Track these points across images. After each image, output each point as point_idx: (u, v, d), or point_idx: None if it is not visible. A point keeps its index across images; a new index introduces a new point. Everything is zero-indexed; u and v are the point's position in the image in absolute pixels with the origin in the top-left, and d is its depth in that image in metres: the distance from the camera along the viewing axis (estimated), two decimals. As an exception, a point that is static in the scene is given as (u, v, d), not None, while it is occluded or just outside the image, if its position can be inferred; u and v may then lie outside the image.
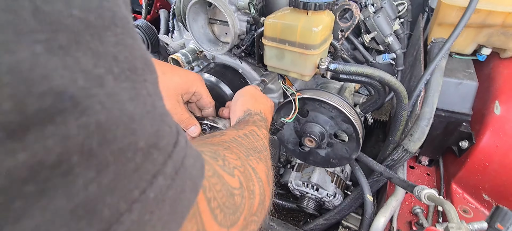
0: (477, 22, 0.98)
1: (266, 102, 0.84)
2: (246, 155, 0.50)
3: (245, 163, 0.47)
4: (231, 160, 0.44)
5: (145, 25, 1.19)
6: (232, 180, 0.40)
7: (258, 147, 0.56)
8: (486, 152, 1.00)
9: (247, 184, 0.43)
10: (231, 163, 0.43)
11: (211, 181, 0.34)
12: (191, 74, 0.75)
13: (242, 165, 0.45)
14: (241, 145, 0.51)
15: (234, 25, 1.00)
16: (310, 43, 0.84)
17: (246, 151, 0.51)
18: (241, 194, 0.40)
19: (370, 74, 0.85)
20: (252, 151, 0.52)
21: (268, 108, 0.82)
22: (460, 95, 1.02)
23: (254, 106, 0.77)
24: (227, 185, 0.37)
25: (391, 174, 0.99)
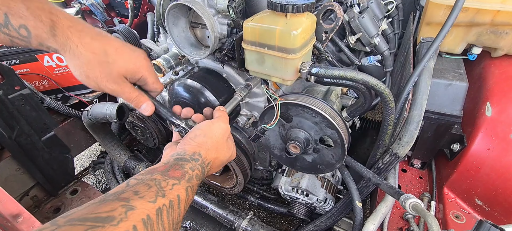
0: (465, 20, 0.94)
1: (223, 157, 0.73)
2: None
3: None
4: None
5: (125, 30, 1.16)
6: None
7: (166, 229, 0.47)
8: (478, 155, 0.97)
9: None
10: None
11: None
12: (136, 59, 0.69)
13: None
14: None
15: (214, 29, 0.96)
16: (289, 47, 0.80)
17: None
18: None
19: (353, 77, 0.81)
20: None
21: (218, 163, 0.72)
22: (450, 97, 0.99)
23: (207, 153, 0.67)
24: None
25: (379, 180, 0.96)
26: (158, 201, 0.47)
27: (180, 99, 1.14)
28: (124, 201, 0.44)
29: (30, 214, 0.71)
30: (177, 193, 0.52)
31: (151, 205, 0.45)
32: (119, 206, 0.42)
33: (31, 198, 1.69)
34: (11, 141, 1.47)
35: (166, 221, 0.47)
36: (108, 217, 0.39)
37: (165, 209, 0.47)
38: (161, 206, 0.47)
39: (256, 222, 1.45)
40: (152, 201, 0.46)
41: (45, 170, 1.67)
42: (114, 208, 0.42)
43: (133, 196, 0.46)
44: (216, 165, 0.72)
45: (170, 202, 0.49)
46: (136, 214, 0.42)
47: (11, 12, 0.55)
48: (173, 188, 0.52)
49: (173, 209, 0.49)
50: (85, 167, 2.17)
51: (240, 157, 1.34)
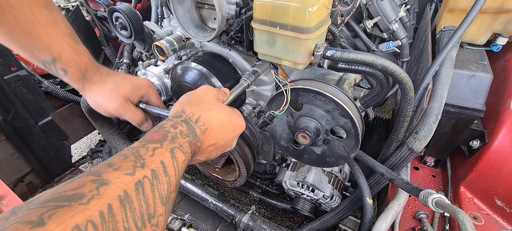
0: (493, 7, 0.87)
1: (218, 111, 0.64)
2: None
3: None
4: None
5: (128, 10, 1.10)
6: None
7: (151, 209, 0.38)
8: (501, 153, 0.90)
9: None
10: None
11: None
12: (140, 81, 0.84)
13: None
14: (120, 218, 0.33)
15: (221, 8, 0.90)
16: (304, 26, 0.73)
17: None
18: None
19: (372, 62, 0.74)
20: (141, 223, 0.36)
21: (215, 120, 0.62)
22: (472, 89, 0.92)
23: (191, 108, 0.59)
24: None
25: (393, 175, 0.89)
26: (137, 172, 0.38)
27: (183, 84, 1.08)
28: (94, 175, 0.35)
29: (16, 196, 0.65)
30: (161, 159, 0.43)
31: (128, 178, 0.37)
32: (89, 181, 0.34)
33: (26, 185, 1.63)
34: (6, 124, 1.41)
35: (150, 196, 0.38)
36: (74, 194, 0.32)
37: (147, 182, 0.39)
38: (141, 178, 0.38)
39: (258, 217, 1.39)
40: (130, 173, 0.38)
41: (41, 156, 1.62)
42: (82, 183, 0.34)
43: (106, 169, 0.37)
44: (212, 124, 0.60)
45: (153, 172, 0.40)
46: (111, 189, 0.34)
47: (60, 59, 0.66)
48: (155, 153, 0.43)
49: (158, 181, 0.40)
50: (83, 155, 2.12)
51: (244, 149, 1.28)
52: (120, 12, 1.08)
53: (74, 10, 1.53)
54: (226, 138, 0.64)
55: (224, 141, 0.64)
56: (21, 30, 0.58)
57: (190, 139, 0.52)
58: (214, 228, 1.51)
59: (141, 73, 1.41)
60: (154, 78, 1.39)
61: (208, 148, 0.60)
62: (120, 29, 1.15)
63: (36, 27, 0.59)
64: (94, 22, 1.59)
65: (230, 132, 0.65)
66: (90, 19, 1.56)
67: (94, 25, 1.60)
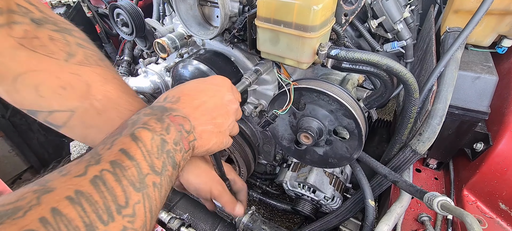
0: (499, 8, 0.86)
1: (189, 82, 0.56)
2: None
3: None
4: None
5: (129, 6, 1.09)
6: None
7: (121, 199, 0.34)
8: (505, 156, 0.89)
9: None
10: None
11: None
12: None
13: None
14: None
15: (224, 6, 0.89)
16: (308, 24, 0.72)
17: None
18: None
19: (377, 62, 0.73)
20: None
21: (186, 87, 0.54)
22: (477, 91, 0.91)
23: (170, 92, 0.52)
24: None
25: (396, 177, 0.88)
26: (89, 171, 0.33)
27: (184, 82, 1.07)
28: (39, 184, 0.31)
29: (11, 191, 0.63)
30: (119, 147, 0.37)
31: (79, 179, 0.32)
32: (31, 192, 0.29)
33: (24, 182, 1.62)
34: (4, 120, 1.40)
35: (116, 185, 0.33)
36: (11, 209, 0.27)
37: (107, 173, 0.34)
38: (97, 173, 0.33)
39: (258, 218, 1.37)
40: (80, 174, 0.33)
41: (40, 153, 1.60)
42: (22, 195, 0.29)
43: (54, 176, 0.33)
44: (184, 91, 0.52)
45: (113, 163, 0.35)
46: (56, 194, 0.29)
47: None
48: (113, 144, 0.38)
49: (122, 168, 0.35)
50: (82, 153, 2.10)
51: (244, 148, 1.27)
52: (121, 8, 1.07)
53: (75, 6, 1.51)
54: (213, 96, 0.54)
55: (211, 100, 0.53)
56: (121, 121, 0.50)
57: (158, 116, 0.44)
58: (213, 228, 1.50)
59: (142, 71, 1.40)
60: (155, 76, 1.38)
61: (196, 111, 0.50)
62: (121, 26, 1.14)
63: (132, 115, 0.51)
64: (95, 19, 1.58)
65: (212, 91, 0.55)
66: (91, 15, 1.55)
67: (95, 22, 1.59)
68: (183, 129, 0.46)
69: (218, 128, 0.54)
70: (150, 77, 1.38)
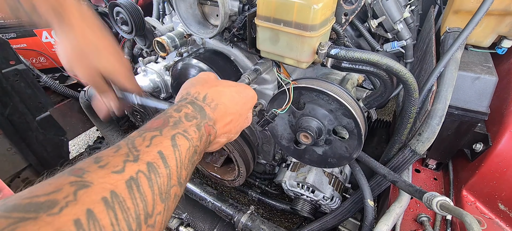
0: (499, 9, 0.86)
1: (224, 86, 0.57)
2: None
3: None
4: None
5: (129, 4, 1.08)
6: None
7: (150, 208, 0.33)
8: (504, 156, 0.89)
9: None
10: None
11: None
12: (120, 66, 0.67)
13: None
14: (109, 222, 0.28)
15: (224, 5, 0.89)
16: (308, 23, 0.72)
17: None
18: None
19: (377, 61, 0.73)
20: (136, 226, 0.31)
21: (224, 94, 0.54)
22: (476, 92, 0.91)
23: (195, 88, 0.53)
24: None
25: (396, 177, 0.88)
26: (127, 168, 0.32)
27: (184, 80, 1.06)
28: (76, 175, 0.30)
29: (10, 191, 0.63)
30: (158, 149, 0.37)
31: (116, 177, 0.31)
32: (67, 183, 0.28)
33: (22, 180, 1.61)
34: (3, 118, 1.39)
35: (148, 192, 0.33)
36: (46, 201, 0.26)
37: (143, 177, 0.33)
38: (134, 175, 0.32)
39: (256, 218, 1.37)
40: (118, 171, 0.32)
41: (39, 152, 1.60)
42: (59, 186, 0.28)
43: (91, 166, 0.32)
44: (221, 99, 0.53)
45: (149, 166, 0.35)
46: (92, 192, 0.29)
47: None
48: (152, 143, 0.37)
49: (157, 174, 0.35)
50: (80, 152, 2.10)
51: (244, 148, 1.26)
52: (121, 7, 1.06)
53: (75, 5, 1.51)
54: (241, 111, 0.57)
55: (239, 115, 0.56)
56: None
57: (198, 121, 0.46)
58: (212, 227, 1.50)
59: (141, 70, 1.40)
60: (155, 75, 1.37)
61: (225, 126, 0.53)
62: (121, 24, 1.13)
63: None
64: (95, 18, 1.57)
65: (242, 104, 0.58)
66: (90, 14, 1.54)
67: (95, 21, 1.58)
68: (209, 139, 0.49)
69: (228, 140, 0.57)
70: (150, 76, 1.38)
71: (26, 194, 0.27)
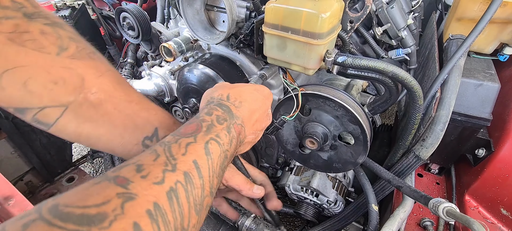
0: (502, 17, 0.88)
1: (243, 86, 0.59)
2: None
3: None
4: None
5: (136, 10, 1.09)
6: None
7: (186, 221, 0.34)
8: (507, 162, 0.91)
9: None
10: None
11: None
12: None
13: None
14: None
15: (232, 11, 0.90)
16: (316, 32, 0.74)
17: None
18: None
19: (383, 69, 0.75)
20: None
21: (245, 92, 0.56)
22: (479, 98, 0.93)
23: (217, 92, 0.54)
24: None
25: (400, 182, 0.89)
26: (167, 179, 0.33)
27: (190, 85, 1.08)
28: (121, 186, 0.31)
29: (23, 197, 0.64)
30: (193, 158, 0.37)
31: (158, 188, 0.32)
32: (115, 195, 0.29)
33: (26, 184, 1.61)
34: (7, 121, 1.40)
35: (185, 204, 0.33)
36: (97, 214, 0.27)
37: (181, 187, 0.34)
38: (173, 185, 0.33)
39: (260, 221, 1.38)
40: (159, 182, 0.33)
41: (42, 155, 1.60)
42: (108, 197, 0.29)
43: (134, 176, 0.33)
44: (243, 96, 0.53)
45: (186, 176, 0.35)
46: (138, 205, 0.30)
47: (161, 126, 0.54)
48: (187, 151, 0.38)
49: (192, 185, 0.35)
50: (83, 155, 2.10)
51: (248, 152, 1.27)
52: (128, 12, 1.07)
53: (80, 9, 1.52)
54: (263, 107, 0.58)
55: (262, 111, 0.57)
56: (119, 114, 0.50)
57: (228, 122, 0.47)
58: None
59: (146, 74, 1.41)
60: (159, 79, 1.38)
61: (252, 124, 0.53)
62: (128, 29, 1.14)
63: (132, 106, 0.52)
64: (99, 21, 1.58)
65: (262, 100, 0.59)
66: (95, 18, 1.55)
67: (99, 24, 1.59)
68: (239, 140, 0.49)
69: (256, 138, 0.58)
70: (154, 80, 1.39)
71: (77, 201, 0.28)
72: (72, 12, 1.47)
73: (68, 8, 1.48)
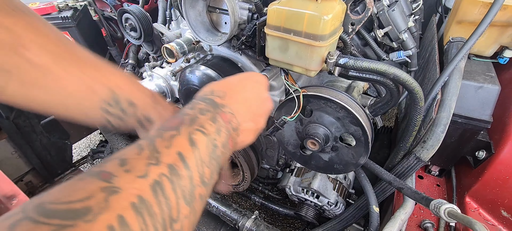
0: (502, 20, 0.89)
1: (231, 77, 0.57)
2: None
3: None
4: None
5: (138, 11, 1.10)
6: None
7: (174, 212, 0.33)
8: (507, 164, 0.91)
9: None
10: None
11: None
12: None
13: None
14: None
15: (234, 13, 0.91)
16: (318, 33, 0.74)
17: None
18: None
19: (384, 71, 0.75)
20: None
21: (230, 82, 0.55)
22: (479, 101, 0.93)
23: (208, 87, 0.53)
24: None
25: (401, 184, 0.90)
26: (150, 172, 0.33)
27: (192, 86, 1.08)
28: (105, 181, 0.30)
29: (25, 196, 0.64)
30: (177, 150, 0.37)
31: (142, 182, 0.32)
32: (99, 189, 0.29)
33: (26, 184, 1.61)
34: (8, 122, 1.40)
35: (172, 196, 0.33)
36: (82, 208, 0.27)
37: (165, 180, 0.33)
38: (157, 177, 0.33)
39: (261, 223, 1.38)
40: (142, 175, 0.32)
41: (43, 155, 1.60)
42: (91, 193, 0.29)
43: (118, 170, 0.32)
44: (229, 86, 0.53)
45: (171, 168, 0.34)
46: (122, 198, 0.29)
47: (120, 90, 0.53)
48: (172, 144, 0.37)
49: (178, 176, 0.35)
50: (83, 155, 2.10)
51: (249, 153, 1.28)
52: (130, 13, 1.08)
53: (82, 10, 1.53)
54: (253, 92, 0.56)
55: (253, 96, 0.55)
56: (71, 77, 0.48)
57: (212, 113, 0.45)
58: (215, 232, 1.50)
59: (147, 75, 1.41)
60: (161, 80, 1.39)
61: (245, 110, 0.51)
62: (130, 31, 1.15)
63: (84, 69, 0.50)
64: (101, 22, 1.59)
65: (251, 85, 0.57)
66: (97, 19, 1.56)
67: (101, 25, 1.60)
68: (231, 128, 0.47)
69: (257, 125, 0.55)
70: (156, 80, 1.39)
71: (61, 198, 0.28)
72: (74, 13, 1.47)
73: (70, 9, 1.48)
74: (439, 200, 0.70)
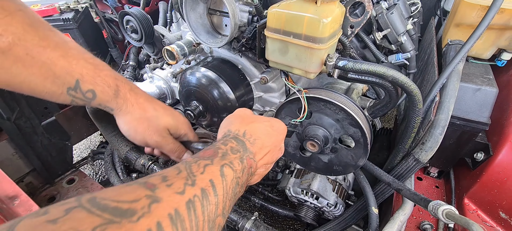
0: (499, 23, 0.90)
1: (259, 122, 0.63)
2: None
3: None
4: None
5: (139, 13, 1.11)
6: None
7: (200, 228, 0.37)
8: (505, 166, 0.92)
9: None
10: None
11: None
12: (179, 117, 0.81)
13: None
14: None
15: (235, 15, 0.92)
16: (317, 36, 0.75)
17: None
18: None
19: (383, 73, 0.76)
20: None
21: (260, 130, 0.61)
22: (477, 103, 0.94)
23: (235, 126, 0.59)
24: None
25: (400, 186, 0.90)
26: (187, 191, 0.37)
27: (192, 88, 1.09)
28: (150, 190, 0.34)
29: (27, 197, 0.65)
30: (210, 177, 0.41)
31: (179, 197, 0.36)
32: (144, 196, 0.33)
33: (26, 185, 1.61)
34: (9, 123, 1.40)
35: (200, 216, 0.36)
36: (129, 209, 0.31)
37: (198, 201, 0.37)
38: (192, 197, 0.36)
39: (261, 224, 1.38)
40: (180, 192, 0.36)
41: (43, 156, 1.60)
42: (138, 197, 0.33)
43: (161, 183, 0.36)
44: (258, 133, 0.58)
45: (203, 192, 0.39)
46: (162, 207, 0.33)
47: (83, 79, 0.58)
48: (205, 171, 0.42)
49: (208, 201, 0.38)
50: (83, 156, 2.10)
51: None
52: (131, 15, 1.09)
53: (83, 12, 1.54)
54: (275, 143, 0.63)
55: (274, 146, 0.62)
56: (33, 60, 0.49)
57: (241, 154, 0.51)
58: (215, 233, 1.51)
59: (148, 77, 1.42)
60: (161, 81, 1.39)
61: (263, 158, 0.58)
62: (131, 33, 1.16)
63: (47, 51, 0.51)
64: (102, 24, 1.60)
65: (276, 136, 0.64)
66: (98, 21, 1.57)
67: (102, 27, 1.61)
68: (251, 171, 0.53)
69: (267, 170, 0.64)
70: (156, 82, 1.40)
71: (112, 197, 0.31)
72: (75, 15, 1.48)
73: (72, 11, 1.49)
74: (437, 202, 0.70)
